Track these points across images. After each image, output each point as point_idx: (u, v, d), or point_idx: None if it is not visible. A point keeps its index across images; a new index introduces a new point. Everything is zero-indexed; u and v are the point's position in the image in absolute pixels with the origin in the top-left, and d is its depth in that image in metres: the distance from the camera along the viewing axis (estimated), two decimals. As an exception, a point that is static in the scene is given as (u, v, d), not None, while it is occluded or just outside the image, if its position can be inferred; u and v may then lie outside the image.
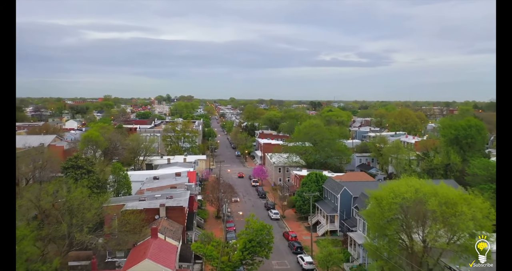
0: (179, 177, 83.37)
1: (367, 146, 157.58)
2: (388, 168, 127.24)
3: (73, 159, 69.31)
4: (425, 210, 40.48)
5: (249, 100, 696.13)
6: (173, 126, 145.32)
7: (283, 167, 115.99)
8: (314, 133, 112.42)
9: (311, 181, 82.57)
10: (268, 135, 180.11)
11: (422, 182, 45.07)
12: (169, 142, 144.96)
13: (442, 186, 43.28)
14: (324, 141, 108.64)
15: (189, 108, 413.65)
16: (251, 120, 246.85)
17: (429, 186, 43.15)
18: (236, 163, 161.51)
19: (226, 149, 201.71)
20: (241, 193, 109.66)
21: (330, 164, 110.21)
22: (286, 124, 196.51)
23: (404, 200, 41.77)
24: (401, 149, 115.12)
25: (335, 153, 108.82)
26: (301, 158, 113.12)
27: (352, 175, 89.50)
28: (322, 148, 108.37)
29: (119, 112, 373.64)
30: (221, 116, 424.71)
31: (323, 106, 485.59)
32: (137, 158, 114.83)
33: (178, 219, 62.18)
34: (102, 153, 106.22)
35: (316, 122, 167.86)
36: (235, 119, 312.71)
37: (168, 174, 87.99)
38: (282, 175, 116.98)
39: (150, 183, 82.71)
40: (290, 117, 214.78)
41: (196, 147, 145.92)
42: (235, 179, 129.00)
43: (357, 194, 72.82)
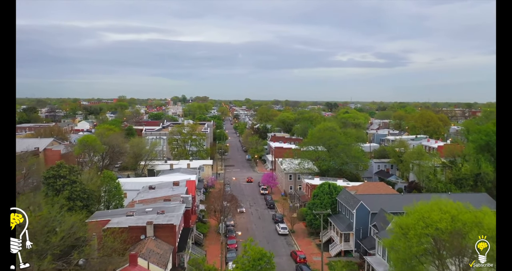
0: (177, 186, 75.51)
1: (385, 151, 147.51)
2: (408, 175, 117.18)
3: (55, 168, 62.03)
4: (466, 245, 31.37)
5: (264, 101, 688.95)
6: (179, 129, 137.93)
7: (294, 173, 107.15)
8: (328, 137, 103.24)
9: (323, 192, 73.65)
10: (281, 138, 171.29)
11: (459, 206, 35.87)
12: (175, 145, 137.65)
13: (486, 212, 34.04)
14: (339, 146, 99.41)
15: (202, 109, 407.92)
16: (264, 122, 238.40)
17: (469, 213, 33.94)
18: (246, 168, 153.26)
19: (237, 152, 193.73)
20: (248, 202, 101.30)
21: (346, 171, 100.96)
22: (299, 127, 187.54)
23: (438, 231, 32.77)
24: (424, 155, 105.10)
25: (351, 160, 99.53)
26: (314, 164, 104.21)
27: (369, 186, 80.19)
28: (337, 154, 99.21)
29: (132, 113, 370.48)
30: (235, 117, 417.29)
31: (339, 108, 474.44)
32: (139, 163, 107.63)
33: (168, 238, 54.17)
34: (101, 158, 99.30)
35: (331, 125, 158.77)
36: (248, 121, 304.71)
37: (165, 183, 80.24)
38: (293, 182, 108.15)
39: (144, 193, 75.11)
40: (304, 119, 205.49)
41: (203, 151, 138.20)
42: (243, 186, 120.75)
43: (375, 210, 63.70)
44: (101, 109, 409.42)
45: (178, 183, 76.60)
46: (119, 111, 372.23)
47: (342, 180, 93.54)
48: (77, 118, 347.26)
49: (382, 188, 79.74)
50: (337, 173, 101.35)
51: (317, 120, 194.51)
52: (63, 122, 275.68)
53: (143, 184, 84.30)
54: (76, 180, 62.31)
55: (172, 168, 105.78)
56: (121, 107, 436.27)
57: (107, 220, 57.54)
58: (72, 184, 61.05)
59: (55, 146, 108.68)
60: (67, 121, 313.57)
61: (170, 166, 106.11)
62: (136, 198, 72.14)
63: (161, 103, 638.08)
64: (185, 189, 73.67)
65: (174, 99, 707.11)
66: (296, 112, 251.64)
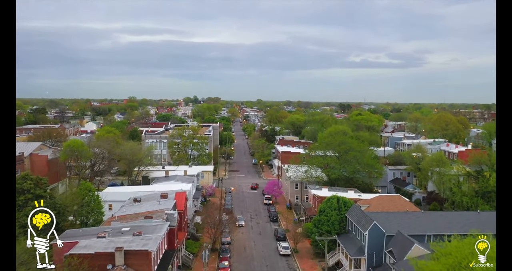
0: (164, 200, 66.75)
1: (401, 156, 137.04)
2: (427, 185, 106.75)
3: (18, 180, 53.87)
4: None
5: (275, 102, 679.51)
6: (180, 131, 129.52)
7: (301, 182, 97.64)
8: (338, 143, 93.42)
9: (330, 208, 64.12)
10: (289, 141, 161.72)
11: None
12: (176, 149, 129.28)
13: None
14: (350, 152, 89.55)
15: (211, 110, 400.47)
16: (273, 124, 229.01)
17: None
18: (251, 173, 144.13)
19: (243, 155, 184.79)
20: (249, 214, 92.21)
21: (357, 180, 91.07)
22: (309, 129, 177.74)
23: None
24: (445, 163, 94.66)
25: (363, 168, 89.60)
26: (323, 172, 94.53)
27: (384, 200, 70.35)
28: (348, 161, 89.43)
29: (141, 114, 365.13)
30: (245, 118, 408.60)
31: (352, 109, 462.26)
32: (133, 169, 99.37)
33: (141, 267, 45.42)
34: (90, 165, 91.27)
35: (343, 128, 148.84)
36: (257, 123, 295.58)
37: (153, 194, 71.56)
38: (300, 192, 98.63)
39: (128, 206, 66.57)
40: (315, 121, 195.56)
41: (205, 155, 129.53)
42: (246, 194, 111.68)
43: (391, 231, 54.10)
44: (110, 110, 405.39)
45: (167, 195, 67.84)
46: (128, 112, 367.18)
47: (353, 190, 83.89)
48: (85, 119, 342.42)
49: (399, 202, 69.84)
50: (348, 182, 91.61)
51: (328, 123, 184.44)
52: (69, 124, 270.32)
53: (131, 195, 75.94)
54: (44, 194, 54.05)
55: (168, 175, 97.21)
56: (131, 108, 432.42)
57: (75, 242, 49.11)
58: (38, 199, 52.64)
59: (43, 150, 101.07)
60: (73, 122, 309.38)
61: (166, 173, 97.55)
62: (117, 213, 63.65)
63: (172, 104, 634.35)
64: (173, 203, 64.87)
65: (186, 100, 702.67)
66: (307, 114, 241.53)
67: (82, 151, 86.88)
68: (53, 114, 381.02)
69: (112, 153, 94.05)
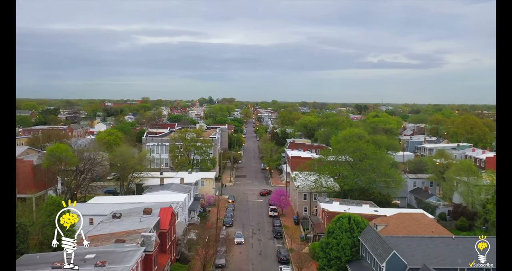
0: (147, 216, 57.57)
1: (422, 162, 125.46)
2: (452, 196, 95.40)
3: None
4: None
5: (290, 103, 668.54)
6: (181, 134, 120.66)
7: (309, 192, 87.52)
8: (352, 150, 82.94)
9: (341, 229, 53.96)
10: (300, 145, 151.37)
11: None
12: (178, 153, 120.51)
13: None
14: (366, 161, 78.96)
15: (224, 111, 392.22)
16: (285, 126, 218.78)
17: None
18: (258, 179, 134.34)
19: (252, 159, 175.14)
20: (251, 228, 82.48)
21: (374, 191, 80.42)
22: (323, 132, 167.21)
23: None
24: (474, 172, 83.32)
25: (380, 178, 78.92)
26: (335, 181, 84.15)
27: (405, 219, 59.72)
28: (363, 171, 78.87)
29: (153, 115, 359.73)
30: (258, 120, 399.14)
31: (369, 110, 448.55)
32: (125, 176, 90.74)
33: (98, 311, 36.22)
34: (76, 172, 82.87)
35: (358, 131, 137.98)
36: (269, 124, 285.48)
37: (136, 209, 62.43)
38: (309, 203, 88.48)
39: (106, 223, 57.66)
40: (328, 123, 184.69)
41: (208, 160, 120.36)
42: (251, 204, 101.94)
43: (415, 263, 43.79)
44: (122, 111, 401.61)
45: (150, 211, 58.65)
46: (139, 113, 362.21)
47: (368, 204, 73.47)
48: (96, 120, 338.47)
49: (423, 221, 59.17)
50: (362, 193, 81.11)
51: (343, 125, 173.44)
52: (77, 125, 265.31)
53: (114, 207, 67.26)
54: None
55: (163, 183, 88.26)
56: (143, 109, 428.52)
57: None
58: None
59: (29, 155, 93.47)
60: (83, 123, 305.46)
61: (160, 181, 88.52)
62: (91, 231, 54.74)
63: (186, 105, 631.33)
64: (156, 220, 55.65)
65: (201, 101, 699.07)
66: (320, 116, 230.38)
67: (66, 157, 78.48)
68: (65, 115, 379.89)
69: (104, 158, 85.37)
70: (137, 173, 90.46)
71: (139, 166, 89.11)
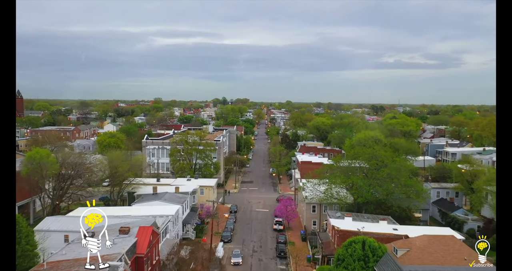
0: (124, 236, 48.82)
1: (445, 169, 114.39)
2: (480, 209, 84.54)
3: None
4: None
5: (304, 103, 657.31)
6: (182, 137, 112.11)
7: (319, 204, 77.79)
8: (368, 157, 72.83)
9: (352, 256, 44.30)
10: (312, 148, 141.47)
11: None
12: (179, 157, 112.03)
13: None
14: (383, 170, 68.72)
15: (236, 112, 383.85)
16: (297, 128, 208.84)
17: None
18: (266, 185, 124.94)
19: (261, 163, 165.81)
20: (252, 244, 73.15)
21: (393, 205, 70.15)
22: (336, 135, 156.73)
23: None
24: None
25: (400, 189, 68.59)
26: (348, 192, 74.13)
27: (431, 242, 49.46)
28: (380, 181, 68.67)
29: (164, 116, 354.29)
30: (271, 121, 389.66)
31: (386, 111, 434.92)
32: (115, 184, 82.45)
33: None
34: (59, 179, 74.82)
35: (374, 134, 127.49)
36: (282, 126, 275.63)
37: (112, 226, 53.61)
38: (318, 216, 78.81)
39: (73, 245, 49.04)
40: (342, 125, 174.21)
41: (211, 165, 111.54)
42: (255, 215, 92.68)
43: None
44: (133, 112, 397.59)
45: (128, 230, 49.83)
46: (150, 114, 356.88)
47: (386, 220, 63.33)
48: (106, 121, 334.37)
49: (453, 246, 48.91)
50: (379, 206, 70.95)
51: (358, 128, 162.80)
52: (84, 126, 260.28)
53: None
54: None
55: (156, 192, 79.64)
56: (156, 110, 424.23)
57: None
58: None
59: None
60: (93, 124, 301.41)
61: (153, 190, 79.86)
62: (53, 256, 46.21)
63: (200, 106, 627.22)
64: (132, 242, 46.83)
65: (215, 101, 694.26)
66: (334, 117, 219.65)
67: (46, 163, 70.42)
68: (77, 116, 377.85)
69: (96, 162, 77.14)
70: (128, 180, 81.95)
71: (130, 173, 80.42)
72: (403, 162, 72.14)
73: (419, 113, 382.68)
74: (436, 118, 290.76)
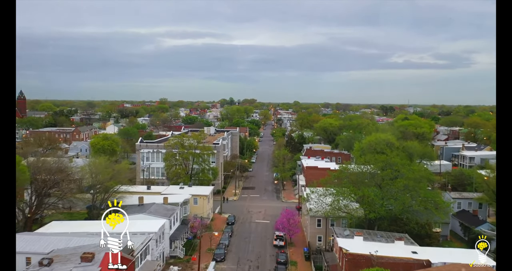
0: (86, 265, 40.26)
1: (464, 175, 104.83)
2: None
3: None
4: None
5: (312, 104, 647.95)
6: (177, 141, 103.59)
7: (325, 217, 68.66)
8: (381, 164, 63.53)
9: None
10: (318, 152, 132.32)
11: None
12: (174, 162, 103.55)
13: None
14: (400, 181, 59.35)
15: (241, 112, 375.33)
16: (303, 129, 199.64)
17: None
18: (268, 192, 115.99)
19: (265, 167, 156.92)
20: (248, 264, 64.21)
21: (410, 221, 60.73)
22: (345, 137, 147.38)
23: None
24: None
25: (419, 204, 59.17)
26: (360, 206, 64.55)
27: None
28: (394, 194, 59.36)
29: (169, 117, 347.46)
30: (277, 122, 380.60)
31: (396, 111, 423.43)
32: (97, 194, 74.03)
33: None
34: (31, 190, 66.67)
35: (386, 137, 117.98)
36: (288, 127, 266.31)
37: (76, 251, 45.12)
38: (324, 231, 69.72)
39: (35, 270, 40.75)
40: (351, 127, 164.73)
41: (208, 170, 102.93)
42: (254, 227, 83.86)
43: None
44: (137, 112, 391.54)
45: (91, 257, 41.24)
46: (154, 115, 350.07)
47: (403, 240, 54.21)
48: (109, 122, 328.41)
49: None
50: (394, 222, 61.67)
51: (368, 129, 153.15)
52: (85, 127, 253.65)
53: (60, 242, 50.62)
54: None
55: (142, 203, 71.14)
56: (161, 110, 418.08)
57: None
58: None
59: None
60: (96, 125, 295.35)
61: (139, 201, 71.33)
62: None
63: (206, 106, 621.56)
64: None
65: (222, 102, 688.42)
66: (342, 118, 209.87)
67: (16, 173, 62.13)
68: (80, 117, 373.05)
69: (62, 175, 68.63)
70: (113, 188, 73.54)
71: (112, 182, 71.87)
72: (422, 172, 62.41)
73: (430, 114, 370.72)
74: (449, 119, 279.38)
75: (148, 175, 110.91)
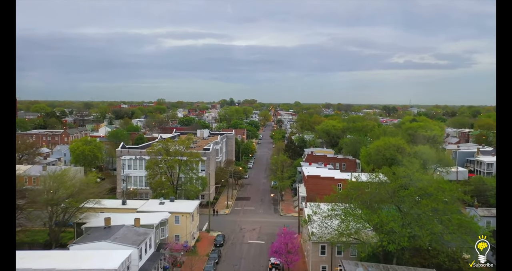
0: None
1: (485, 184, 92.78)
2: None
3: None
4: None
5: (313, 104, 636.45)
6: (161, 147, 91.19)
7: (330, 244, 56.21)
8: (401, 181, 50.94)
9: None
10: (320, 158, 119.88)
11: None
12: (157, 171, 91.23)
13: None
14: (426, 203, 46.81)
15: (240, 113, 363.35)
16: (305, 132, 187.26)
17: None
18: (265, 204, 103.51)
19: (263, 173, 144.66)
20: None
21: (439, 252, 48.20)
22: (349, 140, 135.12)
23: None
24: None
25: (450, 231, 46.69)
26: (376, 234, 52.07)
27: None
28: (419, 219, 46.88)
29: (166, 118, 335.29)
30: (277, 123, 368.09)
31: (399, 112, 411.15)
32: (55, 213, 61.58)
33: None
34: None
35: (395, 142, 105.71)
36: (288, 128, 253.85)
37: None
38: (329, 260, 57.27)
39: None
40: (356, 129, 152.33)
41: (196, 180, 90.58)
42: (246, 248, 71.46)
43: None
44: (133, 113, 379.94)
45: None
46: (150, 116, 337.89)
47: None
48: (103, 123, 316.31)
49: None
50: (418, 253, 49.21)
51: (374, 132, 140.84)
52: (74, 129, 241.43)
53: None
54: None
55: (109, 225, 58.72)
56: (158, 111, 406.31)
57: None
58: None
59: None
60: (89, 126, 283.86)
61: (105, 222, 58.89)
62: None
63: (206, 107, 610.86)
64: None
65: (222, 102, 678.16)
66: (346, 119, 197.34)
67: None
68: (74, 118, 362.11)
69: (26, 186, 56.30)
70: (68, 211, 60.99)
71: (71, 200, 59.36)
72: (454, 191, 49.74)
73: (435, 115, 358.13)
74: (455, 120, 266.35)
75: (129, 185, 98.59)
